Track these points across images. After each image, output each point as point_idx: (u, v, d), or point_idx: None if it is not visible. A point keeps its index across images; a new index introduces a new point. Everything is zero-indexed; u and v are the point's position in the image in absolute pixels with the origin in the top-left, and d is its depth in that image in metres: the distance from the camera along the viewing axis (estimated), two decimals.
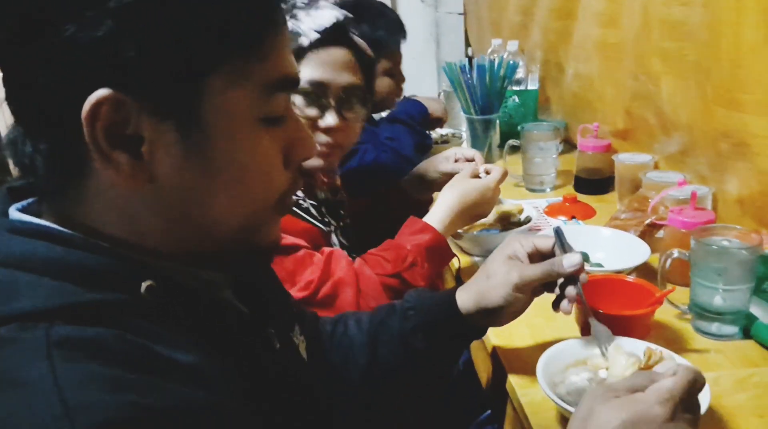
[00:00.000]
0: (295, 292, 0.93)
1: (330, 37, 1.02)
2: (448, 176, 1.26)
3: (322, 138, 1.05)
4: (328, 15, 1.02)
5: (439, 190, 1.15)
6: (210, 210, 0.50)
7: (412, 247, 1.01)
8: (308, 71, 1.02)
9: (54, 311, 0.42)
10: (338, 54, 1.04)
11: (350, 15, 1.05)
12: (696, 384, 0.56)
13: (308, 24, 1.00)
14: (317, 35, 1.00)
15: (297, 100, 1.02)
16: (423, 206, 1.29)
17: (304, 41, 1.00)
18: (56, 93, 0.44)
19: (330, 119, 1.04)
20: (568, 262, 0.75)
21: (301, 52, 1.00)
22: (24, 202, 0.51)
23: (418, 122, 1.73)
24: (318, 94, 1.03)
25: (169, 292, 0.48)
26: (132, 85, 0.44)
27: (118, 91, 0.43)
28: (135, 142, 0.45)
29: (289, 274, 0.94)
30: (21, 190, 0.51)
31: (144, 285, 0.46)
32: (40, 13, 0.42)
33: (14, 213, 0.49)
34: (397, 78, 1.80)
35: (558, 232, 0.81)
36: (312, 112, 1.03)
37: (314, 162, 1.07)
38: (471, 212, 1.10)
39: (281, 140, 0.53)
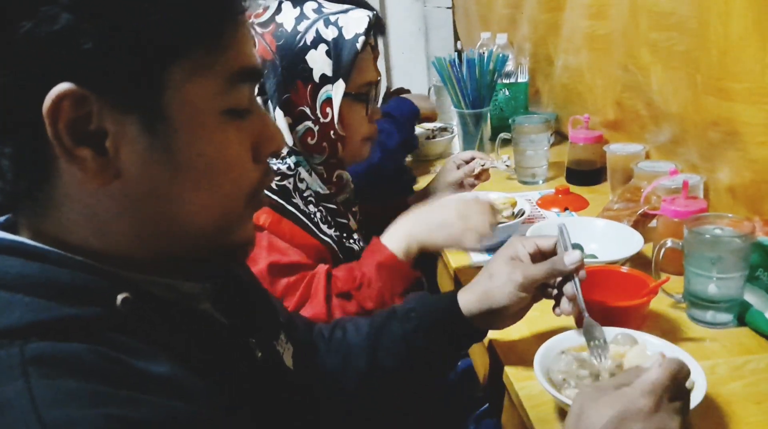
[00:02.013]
0: None
1: (370, 36, 1.04)
2: (458, 184, 1.31)
3: (372, 129, 1.10)
4: (363, 16, 1.02)
5: None
6: (180, 208, 0.49)
7: (365, 268, 0.99)
8: (365, 74, 1.05)
9: (29, 328, 0.42)
10: (370, 49, 1.07)
11: (374, 10, 1.06)
12: (680, 373, 0.57)
13: (354, 28, 1.01)
14: (364, 38, 1.01)
15: (358, 105, 1.06)
16: None
17: (358, 46, 1.00)
18: (16, 92, 0.43)
19: (379, 110, 1.11)
20: (569, 259, 0.77)
21: (355, 57, 1.01)
22: (0, 219, 0.50)
23: (408, 119, 1.72)
24: (373, 92, 1.07)
25: (145, 304, 0.47)
26: (92, 78, 0.43)
27: (78, 85, 0.43)
28: (99, 137, 0.45)
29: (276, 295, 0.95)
30: None
31: (119, 297, 0.46)
32: None
33: None
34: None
35: (561, 230, 0.82)
36: (369, 109, 1.07)
37: (367, 152, 1.11)
38: (427, 221, 1.02)
39: (248, 134, 0.52)
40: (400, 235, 1.03)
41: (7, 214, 0.51)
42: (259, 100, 0.95)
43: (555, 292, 0.80)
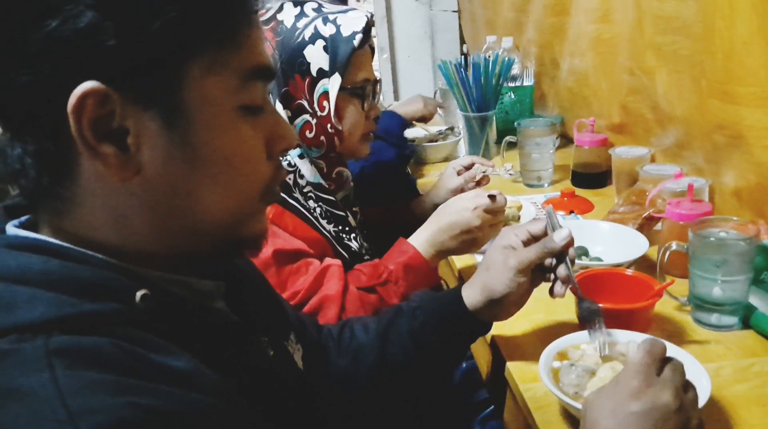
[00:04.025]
0: None
1: (368, 35, 1.07)
2: (459, 191, 1.32)
3: (370, 127, 1.12)
4: (361, 16, 1.06)
5: None
6: (197, 202, 0.50)
7: (392, 266, 1.03)
8: (362, 71, 1.07)
9: (51, 322, 0.43)
10: (369, 49, 1.10)
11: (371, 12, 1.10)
12: (654, 348, 0.61)
13: (352, 26, 1.04)
14: (361, 35, 1.03)
15: (354, 99, 1.08)
16: None
17: (355, 43, 1.03)
18: (41, 90, 0.44)
19: (378, 107, 1.14)
20: (558, 236, 0.79)
21: (352, 53, 1.03)
22: (22, 219, 0.52)
23: (396, 135, 1.75)
24: (370, 89, 1.09)
25: (162, 300, 0.48)
26: (115, 75, 0.44)
27: (102, 83, 0.44)
28: (121, 134, 0.46)
29: (281, 283, 0.96)
30: (18, 208, 0.52)
31: (138, 294, 0.47)
32: (21, 11, 0.43)
33: (11, 229, 0.50)
34: None
35: (549, 213, 0.84)
36: (366, 105, 1.10)
37: (366, 149, 1.14)
38: (450, 231, 1.05)
39: (262, 131, 0.54)
40: (425, 241, 1.06)
41: (28, 215, 0.52)
42: None
43: (552, 275, 0.81)
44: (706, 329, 0.89)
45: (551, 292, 0.81)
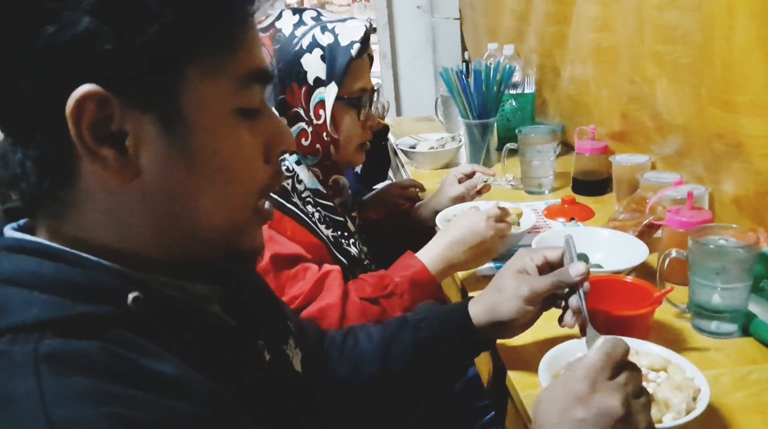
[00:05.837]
0: None
1: (366, 44, 1.07)
2: (460, 199, 1.32)
3: (366, 136, 1.13)
4: (360, 25, 1.06)
5: None
6: (195, 206, 0.51)
7: (398, 279, 1.02)
8: (359, 80, 1.08)
9: (44, 324, 0.43)
10: (367, 58, 1.10)
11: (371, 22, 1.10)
12: (614, 350, 0.58)
13: (350, 36, 1.04)
14: (359, 45, 1.04)
15: (351, 109, 1.09)
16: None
17: (353, 52, 1.03)
18: (41, 95, 0.44)
19: (375, 117, 1.14)
20: (574, 271, 0.77)
21: (349, 63, 1.04)
22: (20, 222, 0.52)
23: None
24: (367, 98, 1.10)
25: (155, 304, 0.49)
26: (113, 79, 0.45)
27: (100, 86, 0.44)
28: (120, 137, 0.46)
29: (279, 288, 0.96)
30: (17, 211, 0.53)
31: (130, 296, 0.47)
32: (20, 18, 0.43)
33: (9, 232, 0.51)
34: None
35: (568, 241, 0.82)
36: (363, 115, 1.11)
37: (361, 158, 1.14)
38: (464, 244, 1.05)
39: (260, 134, 0.54)
40: (435, 256, 1.05)
41: (27, 218, 0.52)
42: None
43: (563, 303, 0.81)
44: (705, 336, 0.90)
45: (560, 320, 0.80)
